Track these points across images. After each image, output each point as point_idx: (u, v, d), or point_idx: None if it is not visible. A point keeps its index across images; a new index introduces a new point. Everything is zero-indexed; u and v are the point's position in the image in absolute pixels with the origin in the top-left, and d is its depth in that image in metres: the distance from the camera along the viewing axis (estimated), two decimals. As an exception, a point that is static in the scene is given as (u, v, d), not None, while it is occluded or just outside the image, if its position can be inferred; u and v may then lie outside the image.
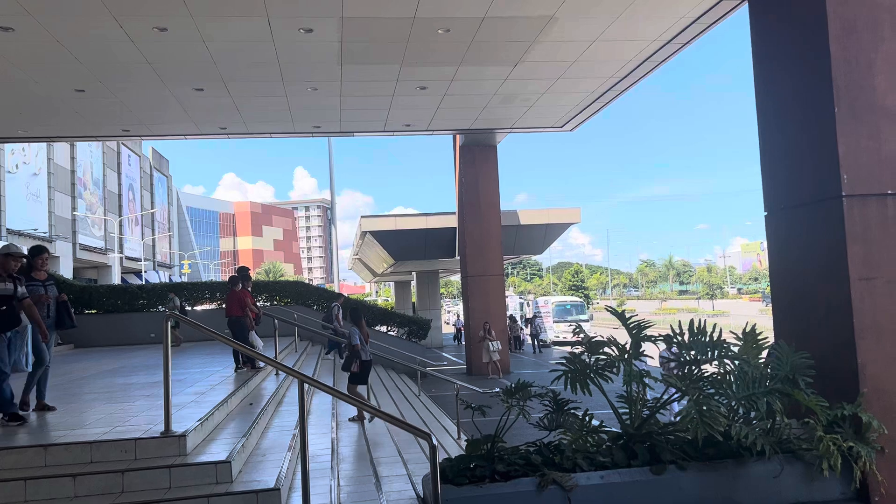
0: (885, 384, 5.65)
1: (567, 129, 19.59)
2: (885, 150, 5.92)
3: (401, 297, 51.09)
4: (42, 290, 7.14)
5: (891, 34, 6.03)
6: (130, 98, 14.82)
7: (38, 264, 7.30)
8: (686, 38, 12.60)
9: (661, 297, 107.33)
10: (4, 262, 6.61)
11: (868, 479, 5.31)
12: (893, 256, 5.81)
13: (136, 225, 55.11)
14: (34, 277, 7.18)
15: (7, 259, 6.63)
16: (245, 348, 6.74)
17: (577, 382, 5.71)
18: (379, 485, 6.56)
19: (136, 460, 5.38)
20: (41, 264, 7.32)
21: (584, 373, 5.68)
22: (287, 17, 10.86)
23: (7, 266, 6.62)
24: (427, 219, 30.09)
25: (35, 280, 7.16)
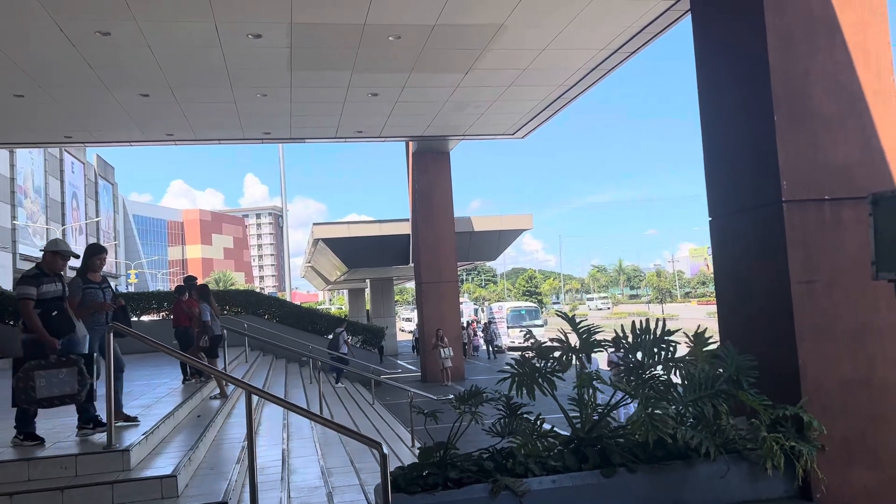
0: (824, 384, 5.82)
1: (519, 136, 19.77)
2: (822, 156, 6.11)
3: (355, 305, 50.76)
4: (101, 295, 6.60)
5: (826, 45, 6.23)
6: (73, 104, 14.41)
7: (95, 265, 6.69)
8: (633, 46, 12.85)
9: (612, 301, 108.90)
10: (52, 261, 6.08)
11: (810, 477, 5.46)
12: (831, 260, 5.99)
13: (81, 234, 53.58)
14: (90, 279, 6.61)
15: (55, 257, 6.10)
16: (191, 360, 6.60)
17: (524, 386, 5.73)
18: (331, 495, 6.48)
19: (77, 477, 5.21)
20: (99, 265, 6.73)
21: (532, 376, 5.71)
22: (235, 22, 10.71)
23: (55, 265, 6.10)
24: (381, 226, 29.98)
25: (92, 282, 6.60)
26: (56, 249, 6.13)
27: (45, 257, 6.11)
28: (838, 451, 5.69)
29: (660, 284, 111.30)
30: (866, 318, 5.92)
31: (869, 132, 6.19)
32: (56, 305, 5.93)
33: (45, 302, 5.85)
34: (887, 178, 6.16)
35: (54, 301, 5.93)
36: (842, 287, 5.94)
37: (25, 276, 5.97)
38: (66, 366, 5.62)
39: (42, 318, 5.79)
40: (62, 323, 5.93)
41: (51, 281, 5.96)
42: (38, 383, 5.51)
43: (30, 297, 5.78)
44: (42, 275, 5.97)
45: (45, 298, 5.86)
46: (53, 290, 5.94)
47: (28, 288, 5.81)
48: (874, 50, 6.27)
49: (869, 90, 6.21)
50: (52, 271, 6.05)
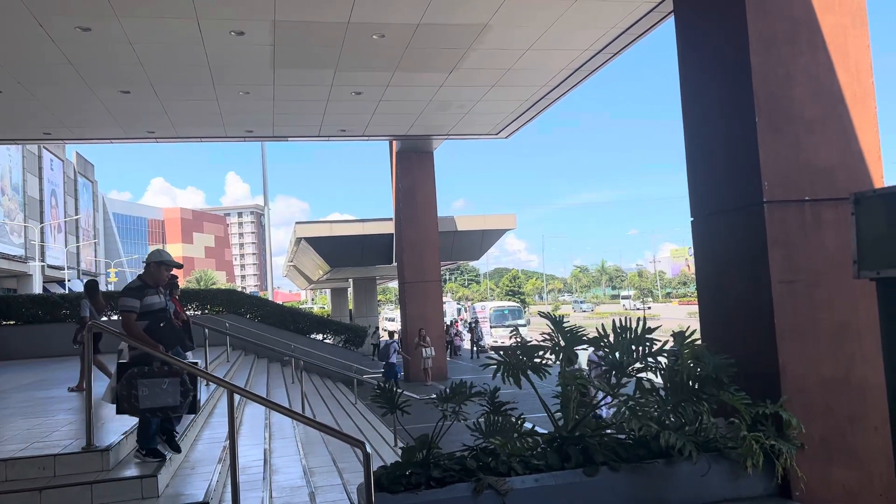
0: (804, 383, 5.87)
1: (502, 136, 19.79)
2: (803, 157, 6.17)
3: (337, 304, 50.58)
4: None
5: (808, 48, 6.29)
6: (52, 100, 14.23)
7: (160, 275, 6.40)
8: (616, 47, 12.91)
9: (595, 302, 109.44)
10: (157, 272, 5.93)
11: (789, 475, 5.51)
12: (811, 260, 6.05)
13: (59, 232, 52.96)
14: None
15: (160, 268, 5.95)
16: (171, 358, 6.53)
17: (510, 374, 5.75)
18: (313, 495, 6.45)
19: (56, 477, 5.14)
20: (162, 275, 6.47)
21: (519, 366, 5.72)
22: (217, 19, 10.62)
23: (160, 277, 5.95)
24: (364, 225, 29.89)
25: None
26: (160, 260, 6.00)
27: (150, 269, 5.96)
28: (817, 449, 5.75)
29: (641, 284, 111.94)
30: (845, 318, 5.99)
31: (849, 134, 6.26)
32: (162, 317, 5.82)
33: (150, 314, 5.74)
34: (866, 179, 6.24)
35: (160, 313, 5.82)
36: (822, 287, 6.01)
37: (128, 289, 5.86)
38: (169, 375, 5.43)
39: (148, 330, 5.66)
40: (170, 335, 5.82)
41: (154, 293, 5.86)
42: (140, 392, 5.33)
43: (133, 310, 5.66)
44: (145, 286, 5.85)
45: (151, 310, 5.75)
46: (158, 301, 5.84)
47: (131, 300, 5.68)
48: (854, 53, 6.34)
49: (849, 92, 6.29)
50: (157, 283, 5.94)
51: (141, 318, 5.69)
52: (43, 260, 46.70)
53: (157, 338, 5.65)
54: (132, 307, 5.66)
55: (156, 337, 5.66)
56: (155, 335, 5.66)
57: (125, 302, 5.68)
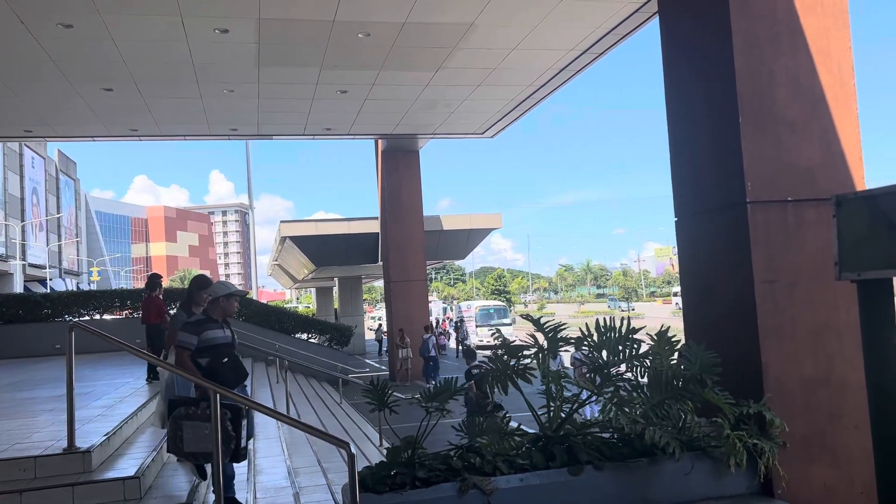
0: (786, 382, 5.93)
1: (488, 135, 19.81)
2: (786, 158, 6.22)
3: (322, 303, 50.42)
4: None
5: (789, 49, 6.35)
6: (33, 97, 14.07)
7: (202, 298, 6.20)
8: (602, 47, 12.95)
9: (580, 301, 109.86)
10: (227, 305, 5.60)
11: (771, 474, 5.55)
12: (793, 260, 6.10)
13: (41, 231, 52.41)
14: (193, 313, 6.13)
15: (230, 300, 5.62)
16: (154, 359, 6.50)
17: (498, 382, 5.75)
18: (298, 496, 6.43)
19: (36, 479, 5.09)
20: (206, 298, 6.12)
21: (505, 373, 5.73)
22: (201, 17, 10.55)
23: (229, 309, 5.62)
24: (349, 224, 29.81)
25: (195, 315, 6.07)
26: (230, 292, 5.68)
27: (220, 301, 5.63)
28: (799, 448, 5.80)
29: (626, 283, 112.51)
30: (826, 318, 6.04)
31: (831, 135, 6.32)
32: (226, 352, 5.50)
33: (212, 349, 5.43)
34: (848, 179, 6.30)
35: (223, 348, 5.49)
36: (803, 287, 6.06)
37: (187, 324, 5.58)
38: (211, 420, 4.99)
39: (211, 366, 5.37)
40: (234, 372, 5.47)
41: (217, 326, 5.53)
42: (185, 434, 5.01)
43: (188, 346, 5.37)
44: (207, 320, 5.55)
45: (213, 345, 5.43)
46: (221, 336, 5.51)
47: (187, 337, 5.40)
48: (836, 54, 6.40)
49: (831, 93, 6.35)
50: (223, 316, 5.63)
51: (202, 355, 5.38)
52: (24, 259, 46.19)
53: (216, 374, 5.32)
54: (188, 344, 5.37)
55: (217, 375, 5.31)
56: (216, 373, 5.33)
57: (180, 337, 5.41)
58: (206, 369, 5.33)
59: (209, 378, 5.23)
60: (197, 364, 5.35)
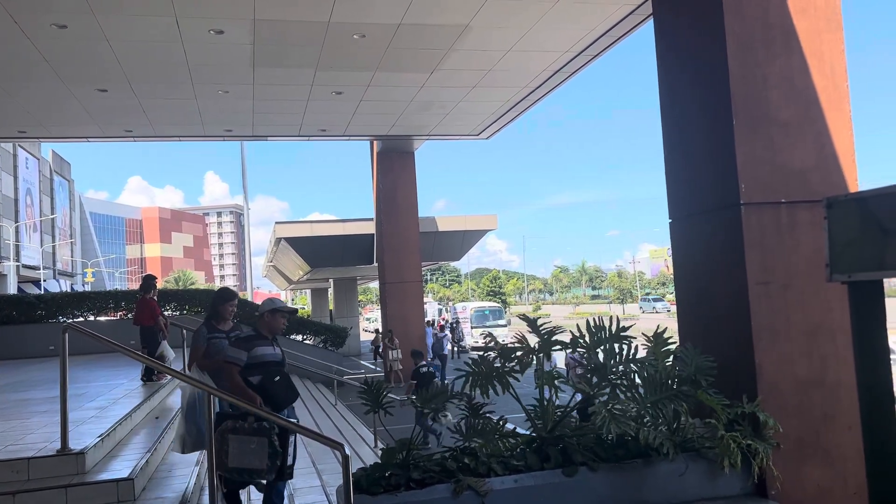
0: (779, 383, 5.95)
1: (483, 136, 19.83)
2: (779, 160, 6.25)
3: (317, 304, 50.39)
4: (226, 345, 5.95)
5: (784, 51, 6.37)
6: (28, 98, 14.03)
7: (226, 312, 6.16)
8: (596, 50, 12.98)
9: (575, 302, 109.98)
10: (272, 321, 5.54)
11: (765, 475, 5.57)
12: (786, 262, 6.12)
13: (35, 232, 52.23)
14: (218, 328, 6.08)
15: (276, 316, 5.55)
16: (148, 360, 6.48)
17: (478, 385, 5.76)
18: (292, 497, 6.42)
19: (30, 480, 5.07)
20: (230, 312, 6.17)
21: (489, 375, 5.73)
22: (196, 18, 10.54)
23: (276, 325, 5.56)
24: (344, 225, 29.79)
25: (219, 331, 6.05)
26: (275, 308, 5.63)
27: (264, 318, 5.60)
28: (793, 449, 5.82)
29: (621, 285, 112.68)
30: (820, 319, 6.07)
31: (824, 137, 6.34)
32: (276, 370, 5.41)
33: (262, 366, 5.36)
34: (841, 181, 6.33)
35: (273, 366, 5.42)
36: (796, 288, 6.08)
37: (237, 339, 5.54)
38: (257, 434, 4.90)
39: (261, 385, 5.27)
40: (285, 391, 5.37)
41: (268, 343, 5.49)
42: (231, 448, 4.85)
43: (237, 361, 5.32)
44: (257, 336, 5.51)
45: (262, 362, 5.37)
46: (271, 353, 5.45)
47: (237, 352, 5.36)
48: (829, 57, 6.43)
49: (824, 96, 6.38)
50: (272, 333, 5.59)
51: (252, 372, 5.31)
52: (18, 260, 46.03)
53: (270, 394, 5.24)
54: (236, 359, 5.32)
55: (269, 393, 5.24)
56: (268, 391, 5.25)
57: (230, 353, 5.39)
58: (256, 387, 5.24)
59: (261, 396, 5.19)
60: (247, 381, 5.28)
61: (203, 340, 6.03)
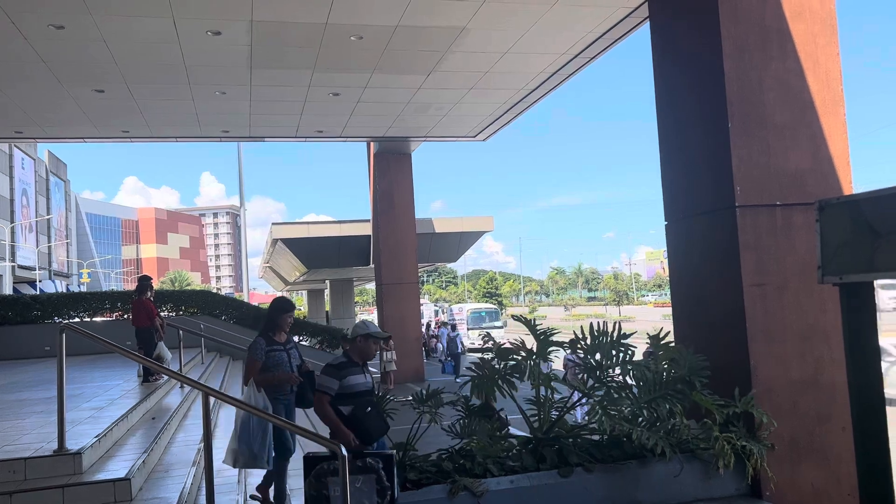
0: (774, 384, 5.99)
1: (480, 138, 19.85)
2: (774, 163, 6.29)
3: (314, 306, 50.35)
4: (286, 358, 5.76)
5: (779, 54, 6.42)
6: (24, 98, 14.01)
7: (285, 323, 5.92)
8: (593, 52, 13.01)
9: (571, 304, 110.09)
10: (365, 347, 5.25)
11: (760, 476, 5.61)
12: (782, 264, 6.16)
13: (31, 232, 52.12)
14: (275, 340, 5.84)
15: (368, 342, 5.24)
16: (146, 360, 6.48)
17: (484, 389, 5.78)
18: (289, 498, 6.43)
19: (27, 481, 5.07)
20: (288, 323, 5.93)
21: (493, 378, 5.76)
22: (194, 19, 10.54)
23: (368, 351, 5.25)
24: (341, 226, 29.78)
25: (277, 343, 5.79)
26: (368, 332, 5.32)
27: (357, 342, 5.31)
28: (787, 449, 5.86)
29: (617, 287, 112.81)
30: (814, 321, 6.11)
31: (819, 140, 6.39)
32: (368, 400, 5.11)
33: (353, 396, 5.06)
34: (836, 184, 6.37)
35: (366, 395, 5.12)
36: (791, 290, 6.12)
37: (328, 366, 5.23)
38: (362, 472, 4.55)
39: (353, 416, 4.98)
40: (378, 423, 5.09)
41: (359, 371, 5.17)
42: (331, 492, 4.46)
43: (327, 391, 5.03)
44: (349, 363, 5.19)
45: (355, 392, 5.07)
46: (363, 382, 5.15)
47: (328, 380, 5.06)
48: (824, 60, 6.47)
49: (819, 99, 6.42)
50: (363, 359, 5.27)
51: (344, 402, 5.03)
52: (13, 260, 45.93)
53: (362, 426, 4.97)
54: (328, 388, 5.03)
55: (361, 425, 4.98)
56: (360, 423, 4.98)
57: (321, 381, 5.09)
58: (347, 418, 4.98)
59: (352, 428, 4.93)
60: (336, 411, 5.02)
61: (261, 354, 5.71)
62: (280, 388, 5.73)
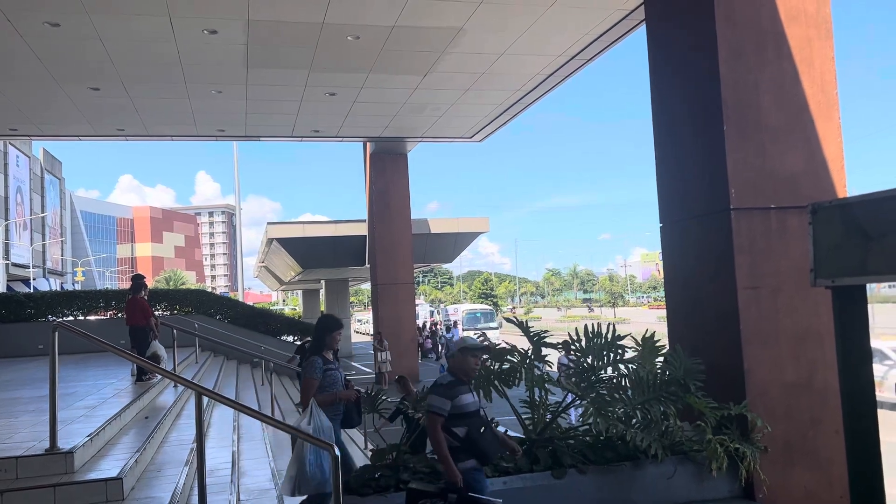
0: (768, 387, 5.99)
1: (476, 139, 19.86)
2: (769, 166, 6.30)
3: (309, 305, 50.26)
4: (339, 378, 5.43)
5: (775, 57, 6.43)
6: (19, 96, 13.97)
7: (335, 341, 5.62)
8: (589, 54, 13.03)
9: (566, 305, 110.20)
10: (463, 363, 4.90)
11: (753, 478, 5.62)
12: (776, 267, 6.17)
13: (25, 230, 51.94)
14: (327, 359, 5.54)
15: (466, 357, 4.91)
16: (140, 360, 6.45)
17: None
18: (281, 498, 6.41)
19: (18, 479, 5.05)
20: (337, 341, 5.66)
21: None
22: (190, 17, 10.52)
23: (468, 367, 4.90)
24: (336, 226, 29.74)
25: (330, 362, 5.48)
26: (465, 346, 5.02)
27: (456, 358, 5.02)
28: (780, 452, 5.86)
29: (612, 289, 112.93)
30: (808, 324, 6.12)
31: (813, 143, 6.40)
32: (480, 420, 4.81)
33: (465, 417, 4.73)
34: (830, 187, 6.39)
35: (476, 415, 4.80)
36: (786, 293, 6.13)
37: (436, 385, 4.88)
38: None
39: (469, 437, 4.69)
40: (492, 445, 4.77)
41: (468, 390, 4.86)
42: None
43: (440, 412, 4.68)
44: (458, 382, 4.84)
45: (466, 412, 4.74)
46: (472, 401, 4.83)
47: (439, 401, 4.71)
48: (819, 64, 6.49)
49: (814, 103, 6.43)
50: (466, 376, 4.94)
51: (457, 423, 4.70)
52: (7, 258, 45.76)
53: (479, 448, 4.69)
54: (441, 409, 4.69)
55: (478, 447, 4.68)
56: (476, 444, 4.68)
57: (432, 401, 4.76)
58: (463, 440, 4.69)
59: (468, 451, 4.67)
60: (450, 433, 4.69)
61: (319, 373, 5.39)
62: (335, 408, 5.44)
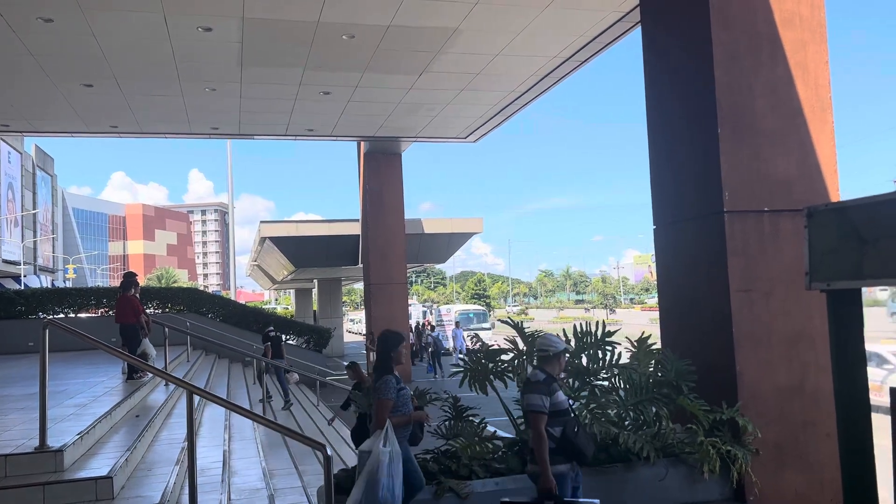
0: (760, 390, 6.00)
1: (470, 140, 19.87)
2: (763, 169, 6.32)
3: (301, 305, 50.14)
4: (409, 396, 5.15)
5: (769, 61, 6.45)
6: (11, 91, 13.89)
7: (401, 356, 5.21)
8: (584, 56, 13.05)
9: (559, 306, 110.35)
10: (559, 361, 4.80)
11: (744, 480, 5.63)
12: (769, 270, 6.19)
13: (16, 226, 51.63)
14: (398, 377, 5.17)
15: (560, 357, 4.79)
16: (130, 358, 6.42)
17: (476, 382, 5.78)
18: (273, 497, 6.39)
19: (7, 478, 5.01)
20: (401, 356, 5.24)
21: (485, 374, 5.76)
22: (185, 15, 10.48)
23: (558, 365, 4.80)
24: (330, 225, 29.70)
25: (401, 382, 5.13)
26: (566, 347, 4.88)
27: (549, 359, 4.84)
28: (771, 455, 5.88)
29: (605, 290, 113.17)
30: (801, 327, 6.13)
31: (807, 147, 6.42)
32: (573, 420, 4.69)
33: (560, 415, 4.60)
34: (823, 191, 6.41)
35: (567, 413, 4.68)
36: (779, 296, 6.14)
37: (533, 383, 4.71)
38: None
39: (565, 437, 4.55)
40: (588, 442, 4.66)
41: (558, 388, 4.72)
42: None
43: (541, 410, 4.52)
44: (551, 379, 4.72)
45: (559, 410, 4.60)
46: (565, 399, 4.71)
47: (540, 399, 4.55)
48: (813, 68, 6.51)
49: (808, 106, 6.45)
50: (559, 374, 4.84)
51: (553, 422, 4.56)
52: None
53: (575, 448, 4.57)
54: (541, 407, 4.52)
55: (575, 448, 4.57)
56: (572, 444, 4.55)
57: (532, 400, 4.57)
58: (560, 440, 4.57)
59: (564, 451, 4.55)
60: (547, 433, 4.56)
61: (393, 393, 5.00)
62: (404, 428, 5.09)
